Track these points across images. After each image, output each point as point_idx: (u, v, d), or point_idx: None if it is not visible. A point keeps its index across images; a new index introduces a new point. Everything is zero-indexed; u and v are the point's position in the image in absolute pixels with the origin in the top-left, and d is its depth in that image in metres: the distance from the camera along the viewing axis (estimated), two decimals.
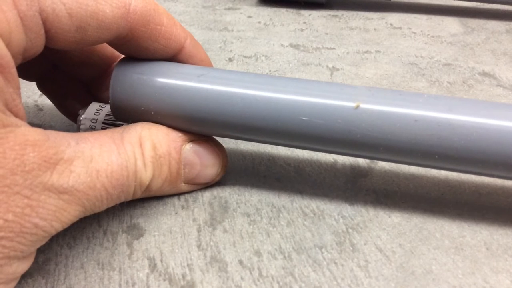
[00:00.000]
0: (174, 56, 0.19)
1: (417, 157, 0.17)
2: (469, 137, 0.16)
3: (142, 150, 0.17)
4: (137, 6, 0.17)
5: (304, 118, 0.17)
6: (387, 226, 0.19)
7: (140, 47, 0.18)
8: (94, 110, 0.21)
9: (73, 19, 0.15)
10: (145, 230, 0.19)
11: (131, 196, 0.17)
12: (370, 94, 0.17)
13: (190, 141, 0.19)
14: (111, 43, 0.18)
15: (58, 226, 0.14)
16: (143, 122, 0.18)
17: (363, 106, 0.17)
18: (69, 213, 0.15)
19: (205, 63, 0.20)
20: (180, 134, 0.19)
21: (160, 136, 0.18)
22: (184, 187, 0.20)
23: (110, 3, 0.16)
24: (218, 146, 0.20)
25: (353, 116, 0.17)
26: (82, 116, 0.21)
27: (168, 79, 0.18)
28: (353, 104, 0.17)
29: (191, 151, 0.19)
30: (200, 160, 0.19)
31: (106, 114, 0.21)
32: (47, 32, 0.15)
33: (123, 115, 0.19)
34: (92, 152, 0.16)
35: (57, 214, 0.14)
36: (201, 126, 0.19)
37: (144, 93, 0.18)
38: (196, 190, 0.20)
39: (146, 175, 0.17)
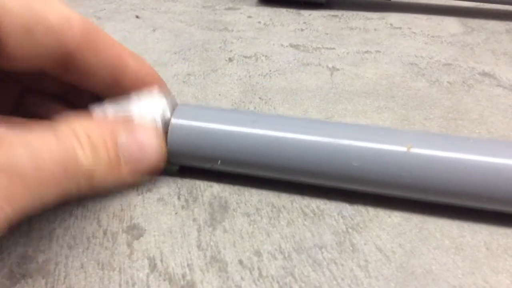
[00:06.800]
0: (118, 74, 0.20)
1: (465, 199, 0.18)
2: None
3: (78, 139, 0.17)
4: (76, 21, 0.18)
5: (355, 164, 0.18)
6: (387, 226, 0.19)
7: (84, 63, 0.19)
8: None
9: (20, 20, 0.16)
10: (145, 230, 0.19)
11: (75, 186, 0.17)
12: (419, 139, 0.18)
13: (125, 128, 0.19)
14: (57, 66, 0.18)
15: (9, 210, 0.14)
16: (74, 116, 0.18)
17: (414, 150, 0.18)
18: (18, 194, 0.14)
19: (151, 77, 0.21)
20: (114, 122, 0.19)
21: (92, 126, 0.18)
22: (128, 174, 0.19)
23: (52, 12, 0.17)
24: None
25: (404, 160, 0.18)
26: None
27: (225, 126, 0.20)
28: (404, 149, 0.18)
29: (125, 135, 0.19)
30: (136, 141, 0.19)
31: None
32: None
33: (179, 160, 0.21)
34: (33, 139, 0.16)
35: (5, 192, 0.14)
36: (257, 170, 0.20)
37: (201, 140, 0.20)
38: (196, 190, 0.20)
39: (86, 161, 0.17)
